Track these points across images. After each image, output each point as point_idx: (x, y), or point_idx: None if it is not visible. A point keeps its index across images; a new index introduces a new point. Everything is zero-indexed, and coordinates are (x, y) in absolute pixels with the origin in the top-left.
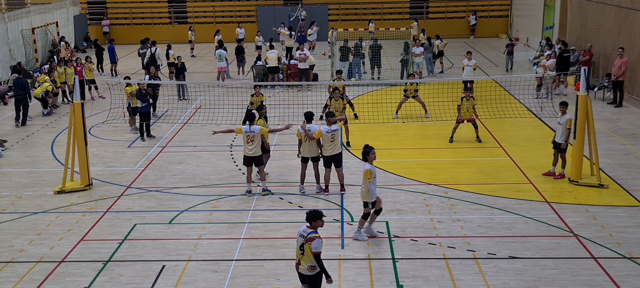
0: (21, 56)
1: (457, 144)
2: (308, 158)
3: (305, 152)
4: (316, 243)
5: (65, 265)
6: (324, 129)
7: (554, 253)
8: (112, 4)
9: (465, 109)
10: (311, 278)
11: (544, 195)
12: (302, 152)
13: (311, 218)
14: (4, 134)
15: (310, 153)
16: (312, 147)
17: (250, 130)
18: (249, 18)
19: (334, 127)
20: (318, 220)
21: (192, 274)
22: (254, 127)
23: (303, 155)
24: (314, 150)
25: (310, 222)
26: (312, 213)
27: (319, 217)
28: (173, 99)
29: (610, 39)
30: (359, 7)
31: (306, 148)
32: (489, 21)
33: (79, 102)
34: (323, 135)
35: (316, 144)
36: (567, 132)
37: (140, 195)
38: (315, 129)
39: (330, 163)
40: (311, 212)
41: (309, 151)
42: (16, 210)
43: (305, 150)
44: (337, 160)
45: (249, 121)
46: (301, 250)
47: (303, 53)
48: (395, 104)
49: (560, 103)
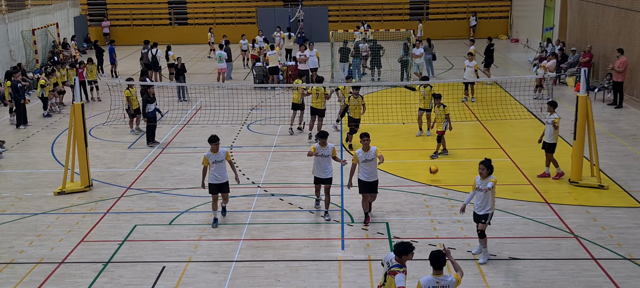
0: (21, 57)
1: (457, 145)
2: (321, 179)
3: (319, 171)
4: (399, 278)
5: (65, 266)
6: (360, 154)
7: (554, 254)
8: (112, 5)
9: (422, 97)
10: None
11: (544, 196)
12: (316, 173)
13: (401, 251)
14: (4, 135)
15: (324, 173)
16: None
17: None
18: (249, 19)
19: (371, 154)
20: (409, 253)
21: (192, 275)
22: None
23: (316, 176)
24: (328, 169)
25: (400, 256)
26: (403, 247)
27: (410, 250)
28: (173, 100)
29: (610, 40)
30: (359, 8)
31: (320, 168)
32: (489, 22)
33: (79, 103)
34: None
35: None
36: (556, 131)
37: (140, 196)
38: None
39: (367, 189)
40: (401, 245)
41: (323, 170)
42: (16, 211)
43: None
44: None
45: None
46: (384, 278)
47: (303, 54)
48: (395, 104)
49: (549, 102)
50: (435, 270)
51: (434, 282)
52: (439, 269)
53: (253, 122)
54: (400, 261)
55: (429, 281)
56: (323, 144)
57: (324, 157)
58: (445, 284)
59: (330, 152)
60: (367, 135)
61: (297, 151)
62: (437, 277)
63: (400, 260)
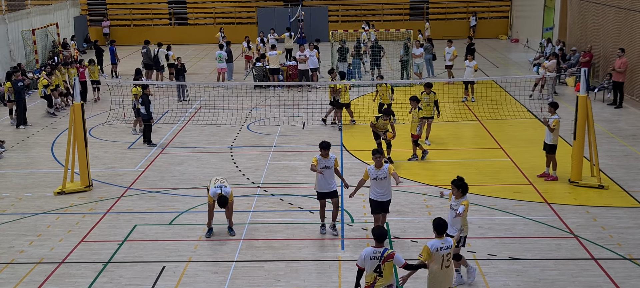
0: (21, 57)
1: (457, 145)
2: (326, 193)
3: (322, 185)
4: (398, 257)
5: (65, 267)
6: (371, 170)
7: (554, 254)
8: (112, 5)
9: (425, 103)
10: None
11: (544, 196)
12: (318, 187)
13: (381, 236)
14: (4, 135)
15: (328, 187)
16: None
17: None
18: (249, 19)
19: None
20: (386, 236)
21: (192, 275)
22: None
23: (319, 191)
24: (332, 182)
25: (381, 241)
26: (379, 231)
27: (386, 232)
28: (173, 100)
29: (610, 40)
30: (359, 8)
31: (324, 181)
32: (489, 22)
33: (79, 103)
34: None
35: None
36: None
37: (140, 196)
38: None
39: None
40: (377, 230)
41: (326, 184)
42: (16, 211)
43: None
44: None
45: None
46: (377, 272)
47: (303, 54)
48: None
49: (549, 104)
50: (438, 235)
51: (439, 243)
52: (441, 234)
53: (253, 122)
54: (382, 246)
55: (436, 243)
56: (325, 155)
57: (327, 168)
58: (448, 244)
59: (332, 163)
60: (380, 152)
61: (297, 151)
62: (440, 240)
63: (382, 245)
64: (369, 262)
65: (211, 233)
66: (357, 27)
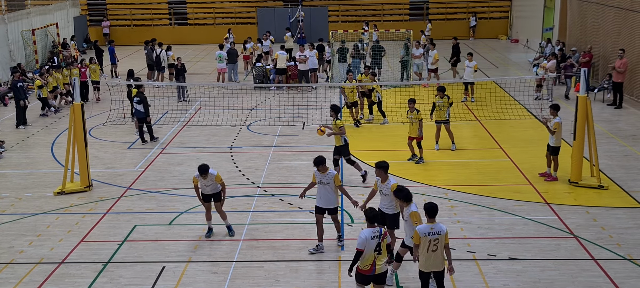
0: (21, 57)
1: (457, 145)
2: (324, 209)
3: (321, 200)
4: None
5: (65, 267)
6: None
7: (554, 254)
8: (112, 5)
9: (438, 107)
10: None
11: (543, 196)
12: (317, 202)
13: (374, 217)
14: (4, 135)
15: (327, 203)
16: (329, 193)
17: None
18: (249, 19)
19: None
20: (377, 216)
21: (192, 275)
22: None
23: (317, 205)
24: (332, 198)
25: (374, 222)
26: (372, 213)
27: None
28: (173, 100)
29: (610, 40)
30: (359, 8)
31: (322, 196)
32: (489, 22)
33: (79, 103)
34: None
35: (334, 189)
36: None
37: (140, 196)
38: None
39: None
40: (370, 212)
41: (326, 200)
42: (16, 211)
43: (322, 199)
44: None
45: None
46: (377, 251)
47: (303, 55)
48: (395, 104)
49: (551, 106)
50: (430, 218)
51: (429, 228)
52: (432, 218)
53: (253, 123)
54: (374, 225)
55: (425, 227)
56: (322, 170)
57: (324, 184)
58: (438, 230)
59: (331, 179)
60: (383, 166)
61: (297, 151)
62: (431, 224)
63: (374, 225)
64: (371, 241)
65: (211, 233)
66: (357, 28)
